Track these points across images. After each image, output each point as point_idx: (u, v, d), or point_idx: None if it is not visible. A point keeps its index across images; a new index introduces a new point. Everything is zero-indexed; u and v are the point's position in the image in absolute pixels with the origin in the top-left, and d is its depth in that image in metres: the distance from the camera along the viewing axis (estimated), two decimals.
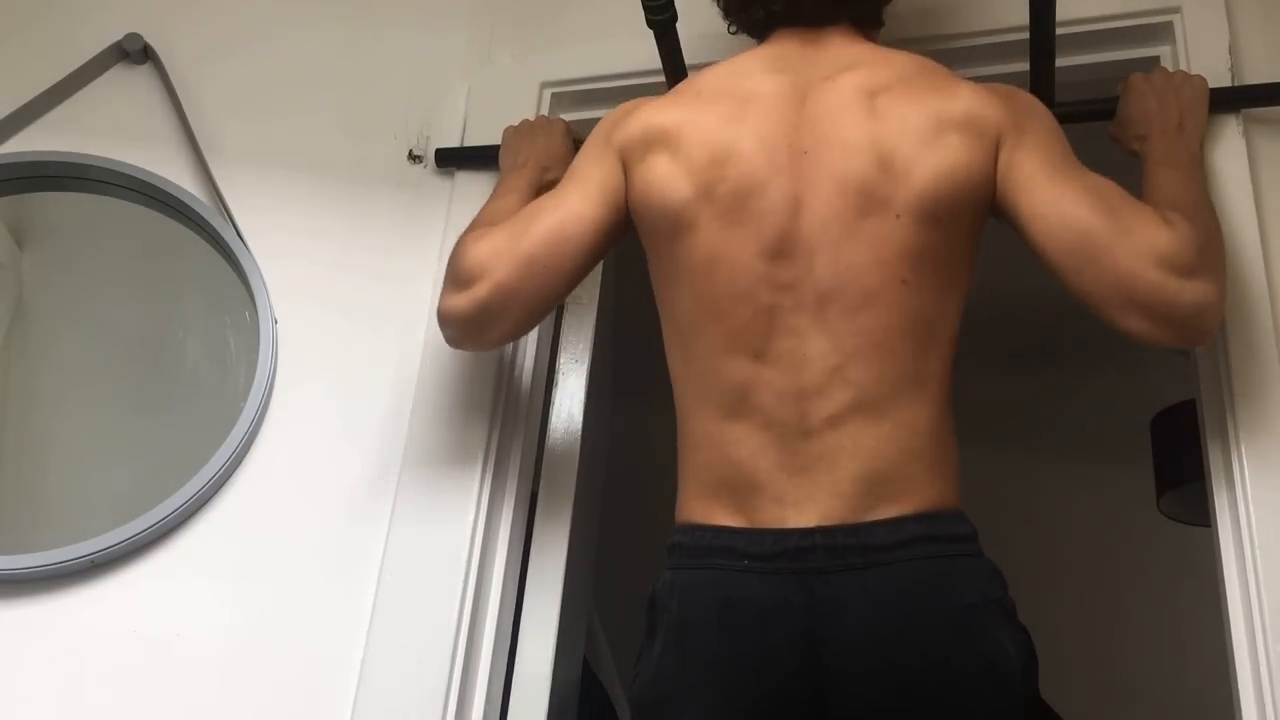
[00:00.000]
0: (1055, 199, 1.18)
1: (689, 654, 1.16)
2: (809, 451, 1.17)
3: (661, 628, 1.19)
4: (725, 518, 1.18)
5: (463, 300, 1.32)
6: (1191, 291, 1.13)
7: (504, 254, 1.31)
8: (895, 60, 1.30)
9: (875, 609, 1.12)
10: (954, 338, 1.23)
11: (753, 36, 1.40)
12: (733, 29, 1.42)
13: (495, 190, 1.53)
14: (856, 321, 1.18)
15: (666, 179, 1.27)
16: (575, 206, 1.32)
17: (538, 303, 1.34)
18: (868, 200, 1.20)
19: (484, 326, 1.34)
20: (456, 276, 1.34)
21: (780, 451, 1.17)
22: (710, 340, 1.23)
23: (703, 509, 1.21)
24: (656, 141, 1.29)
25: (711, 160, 1.25)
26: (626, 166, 1.32)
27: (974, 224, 1.24)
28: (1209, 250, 1.18)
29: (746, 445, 1.19)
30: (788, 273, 1.20)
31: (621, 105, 1.39)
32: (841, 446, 1.16)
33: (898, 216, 1.19)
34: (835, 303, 1.19)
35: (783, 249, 1.21)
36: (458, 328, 1.36)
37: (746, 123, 1.26)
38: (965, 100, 1.24)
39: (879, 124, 1.23)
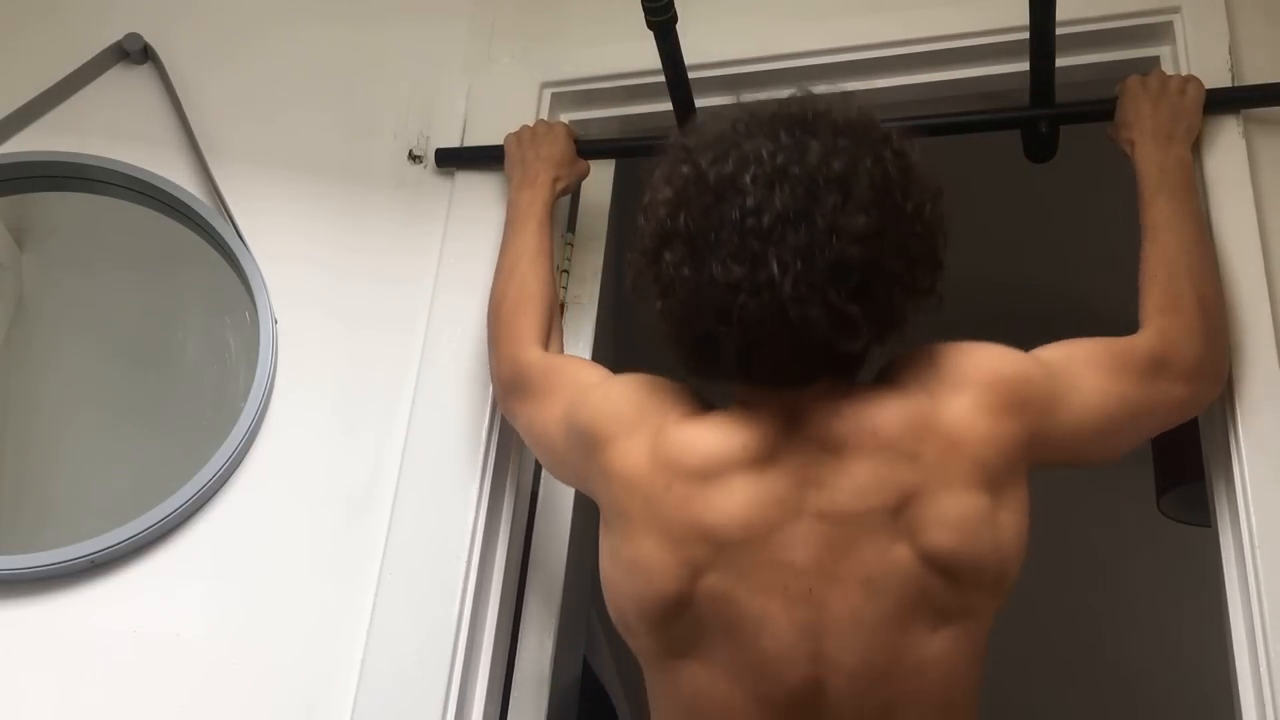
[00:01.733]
0: (1091, 434, 1.15)
1: None
2: None
3: None
4: None
5: (495, 388, 1.45)
6: (1217, 386, 1.25)
7: (508, 401, 1.39)
8: (889, 427, 1.05)
9: None
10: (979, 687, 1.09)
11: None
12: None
13: (510, 213, 1.54)
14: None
15: (615, 586, 1.11)
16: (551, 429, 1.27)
17: None
18: (900, 633, 1.02)
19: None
20: (492, 364, 1.44)
21: None
22: None
23: None
24: (613, 500, 1.11)
25: (662, 594, 1.05)
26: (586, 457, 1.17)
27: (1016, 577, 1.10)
28: (1212, 335, 1.23)
29: None
30: None
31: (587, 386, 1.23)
32: None
33: (935, 630, 1.03)
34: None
35: (797, 705, 1.03)
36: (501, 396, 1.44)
37: (719, 554, 1.04)
38: (987, 455, 1.05)
39: (904, 545, 1.02)
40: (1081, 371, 1.15)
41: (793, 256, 0.99)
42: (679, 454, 1.08)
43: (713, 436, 1.08)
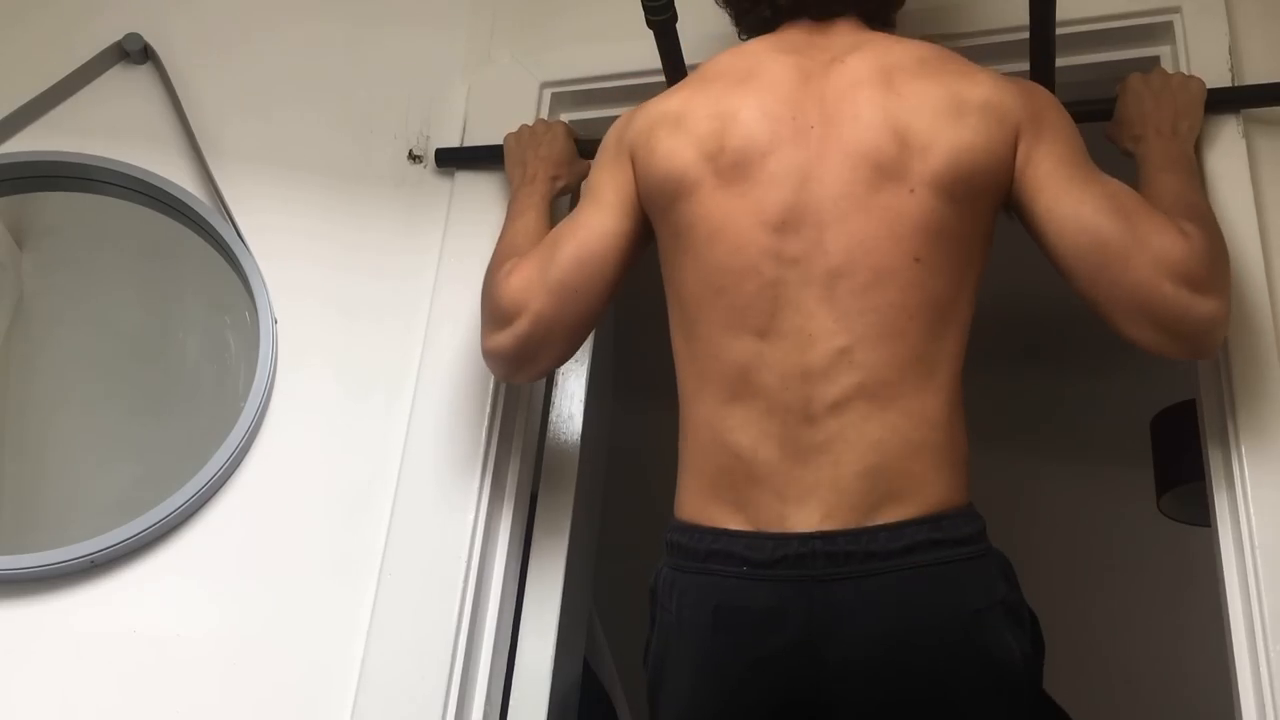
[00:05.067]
0: (1072, 201, 1.17)
1: (685, 658, 1.15)
2: (811, 439, 1.14)
3: (660, 626, 1.19)
4: (724, 518, 1.16)
5: (505, 338, 1.34)
6: (1203, 307, 1.14)
7: (536, 285, 1.32)
8: (909, 44, 1.29)
9: (876, 617, 1.09)
10: (967, 322, 1.20)
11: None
12: (744, 35, 1.41)
13: (510, 209, 1.54)
14: (866, 300, 1.15)
15: (668, 151, 1.26)
16: (596, 223, 1.32)
17: (579, 327, 1.35)
18: (881, 174, 1.18)
19: (531, 359, 1.36)
20: (494, 314, 1.36)
21: (782, 439, 1.15)
22: (712, 317, 1.20)
23: (701, 506, 1.18)
24: (660, 125, 1.29)
25: (711, 130, 1.24)
26: (635, 162, 1.31)
27: (990, 206, 1.22)
28: (1220, 264, 1.18)
29: (747, 432, 1.16)
30: (794, 246, 1.18)
31: (633, 108, 1.38)
32: (845, 437, 1.13)
33: (912, 191, 1.17)
34: (844, 279, 1.16)
35: (788, 221, 1.18)
36: (505, 364, 1.38)
37: (748, 95, 1.25)
38: (985, 86, 1.22)
39: (894, 99, 1.21)
40: (1092, 171, 1.22)
41: None
42: (716, 61, 1.33)
43: (740, 49, 1.34)
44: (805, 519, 1.12)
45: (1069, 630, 2.90)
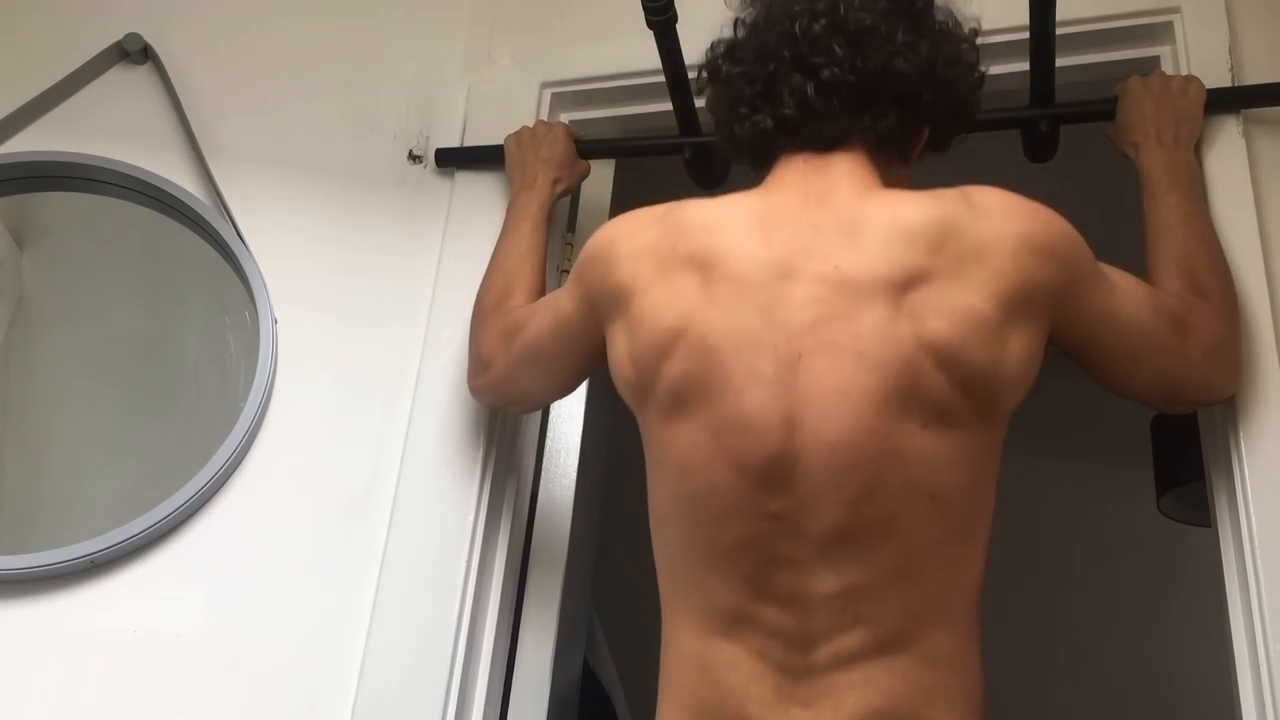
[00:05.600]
0: (1113, 317, 1.14)
1: None
2: (812, 687, 1.00)
3: None
4: None
5: (480, 382, 1.42)
6: (1229, 388, 1.24)
7: (501, 351, 1.35)
8: (913, 216, 1.06)
9: None
10: (986, 538, 1.06)
11: (754, 165, 1.20)
12: (728, 151, 1.24)
13: (509, 214, 1.54)
14: (873, 554, 1.00)
15: (618, 360, 1.13)
16: (562, 328, 1.25)
17: (542, 396, 1.42)
18: (889, 412, 1.00)
19: (506, 405, 1.47)
20: (473, 357, 1.43)
21: (778, 683, 1.01)
22: (693, 553, 1.06)
23: None
24: (618, 305, 1.13)
25: (658, 351, 1.07)
26: (597, 318, 1.19)
27: (1012, 409, 1.08)
28: (1234, 330, 1.23)
29: (738, 670, 1.02)
30: (783, 502, 1.01)
31: (606, 230, 1.20)
32: (851, 683, 0.99)
33: (925, 425, 1.00)
34: (847, 536, 1.00)
35: (775, 475, 1.01)
36: (481, 402, 1.48)
37: (714, 305, 1.05)
38: (1011, 274, 1.04)
39: (905, 321, 1.01)
40: (1122, 278, 1.16)
41: (835, 8, 1.13)
42: (687, 218, 1.12)
43: (724, 205, 1.13)
44: None
45: (1069, 630, 2.92)
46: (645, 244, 1.13)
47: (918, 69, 1.12)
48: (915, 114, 1.15)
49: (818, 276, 1.04)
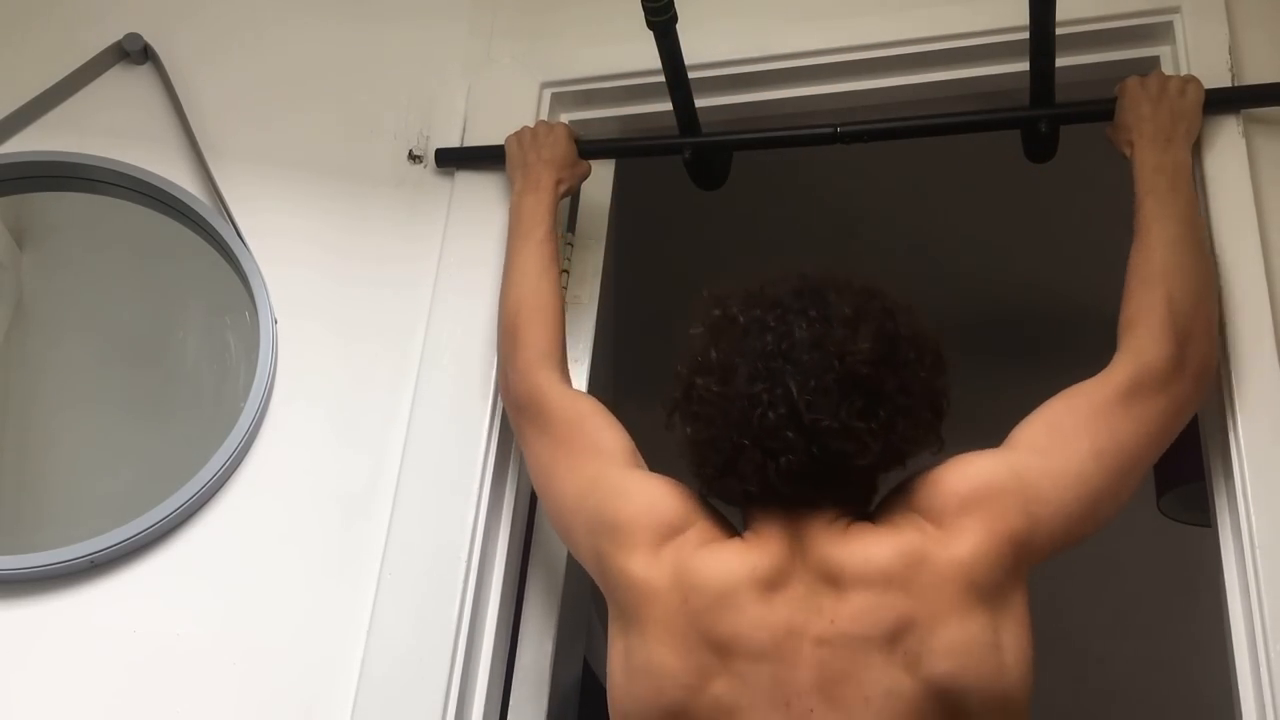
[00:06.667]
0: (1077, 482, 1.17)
1: None
2: None
3: None
4: None
5: (511, 402, 1.45)
6: (1195, 390, 1.24)
7: (521, 406, 1.40)
8: (881, 557, 1.10)
9: None
10: None
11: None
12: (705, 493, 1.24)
13: (517, 220, 1.54)
14: None
15: (615, 669, 1.16)
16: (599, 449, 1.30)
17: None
18: None
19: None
20: (501, 371, 1.46)
21: None
22: None
23: None
24: (629, 602, 1.15)
25: (668, 699, 1.09)
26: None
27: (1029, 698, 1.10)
28: (1184, 339, 1.22)
29: None
30: None
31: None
32: None
33: None
34: None
35: None
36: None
37: (729, 677, 1.08)
38: (980, 564, 1.08)
39: (904, 672, 1.05)
40: (1058, 445, 1.18)
41: (805, 375, 1.10)
42: (698, 576, 1.12)
43: (729, 561, 1.13)
44: None
45: (1069, 631, 2.91)
46: (663, 569, 1.15)
47: (883, 449, 1.12)
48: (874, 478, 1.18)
49: (818, 638, 1.08)
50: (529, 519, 1.60)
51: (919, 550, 1.09)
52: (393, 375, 1.60)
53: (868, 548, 1.10)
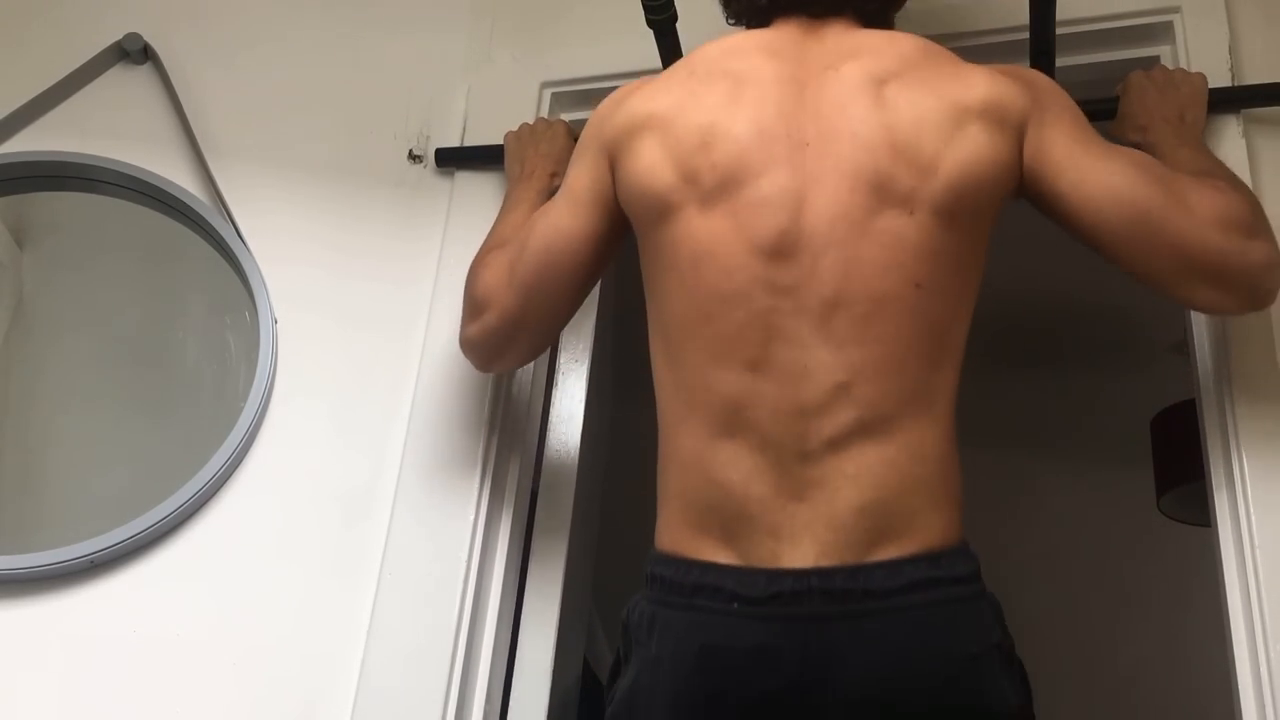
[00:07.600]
0: (1100, 175, 1.14)
1: (662, 698, 1.09)
2: (807, 476, 1.08)
3: (636, 662, 1.13)
4: (712, 551, 1.10)
5: (474, 330, 1.37)
6: (1257, 251, 1.13)
7: (504, 281, 1.33)
8: (901, 44, 1.22)
9: (874, 662, 1.04)
10: (962, 348, 1.16)
11: (751, 27, 1.33)
12: (731, 20, 1.37)
13: (505, 202, 1.53)
14: (865, 330, 1.10)
15: (649, 167, 1.20)
16: (566, 225, 1.29)
17: (545, 325, 1.36)
18: (881, 197, 1.12)
19: (498, 351, 1.39)
20: (470, 305, 1.38)
21: (776, 476, 1.09)
22: (699, 346, 1.14)
23: (688, 539, 1.12)
24: (643, 127, 1.23)
25: (699, 144, 1.18)
26: (614, 161, 1.26)
27: (991, 221, 1.19)
28: (1259, 210, 1.17)
29: (738, 468, 1.10)
30: (788, 275, 1.12)
31: (612, 94, 1.32)
32: (843, 472, 1.08)
33: (913, 214, 1.12)
34: (842, 309, 1.10)
35: (782, 248, 1.12)
36: (475, 355, 1.41)
37: (740, 106, 1.19)
38: (982, 86, 1.17)
39: (891, 114, 1.15)
40: (1116, 148, 1.20)
41: None
42: (702, 53, 1.27)
43: (732, 38, 1.28)
44: (800, 555, 1.07)
45: (1069, 631, 2.92)
46: (661, 83, 1.27)
47: None
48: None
49: (820, 80, 1.19)
50: (529, 518, 1.60)
51: (936, 48, 1.22)
52: (393, 374, 1.60)
53: (893, 33, 1.25)
